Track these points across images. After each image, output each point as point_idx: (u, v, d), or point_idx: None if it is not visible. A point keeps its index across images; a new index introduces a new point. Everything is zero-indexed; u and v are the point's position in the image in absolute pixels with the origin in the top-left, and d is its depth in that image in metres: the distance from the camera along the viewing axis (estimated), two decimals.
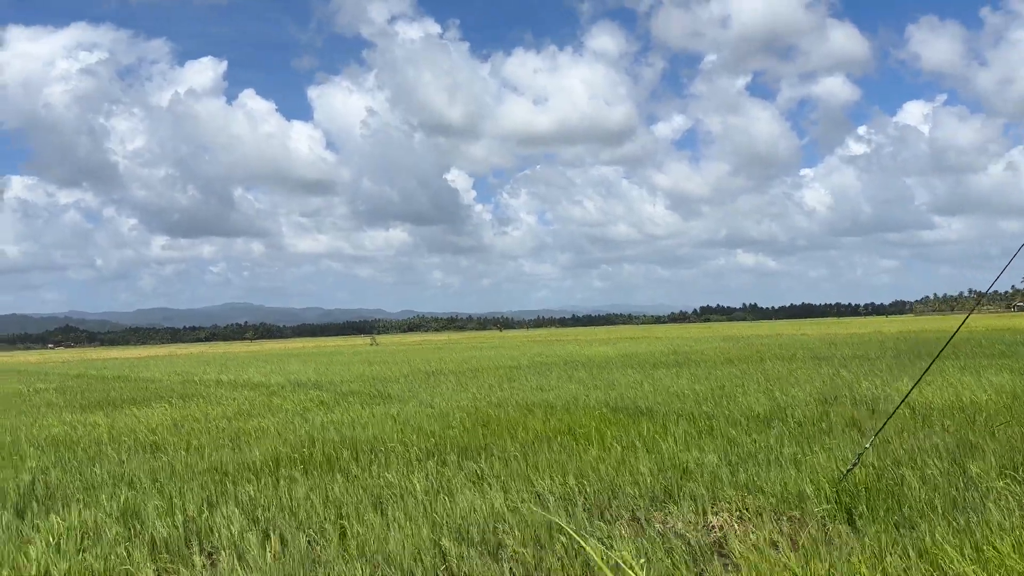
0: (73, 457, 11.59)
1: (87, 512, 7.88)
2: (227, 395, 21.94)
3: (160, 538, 6.91)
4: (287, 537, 6.63)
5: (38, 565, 6.03)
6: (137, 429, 14.53)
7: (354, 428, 13.30)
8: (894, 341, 40.22)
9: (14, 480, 9.83)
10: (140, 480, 9.54)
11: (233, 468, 9.92)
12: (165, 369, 43.36)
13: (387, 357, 49.10)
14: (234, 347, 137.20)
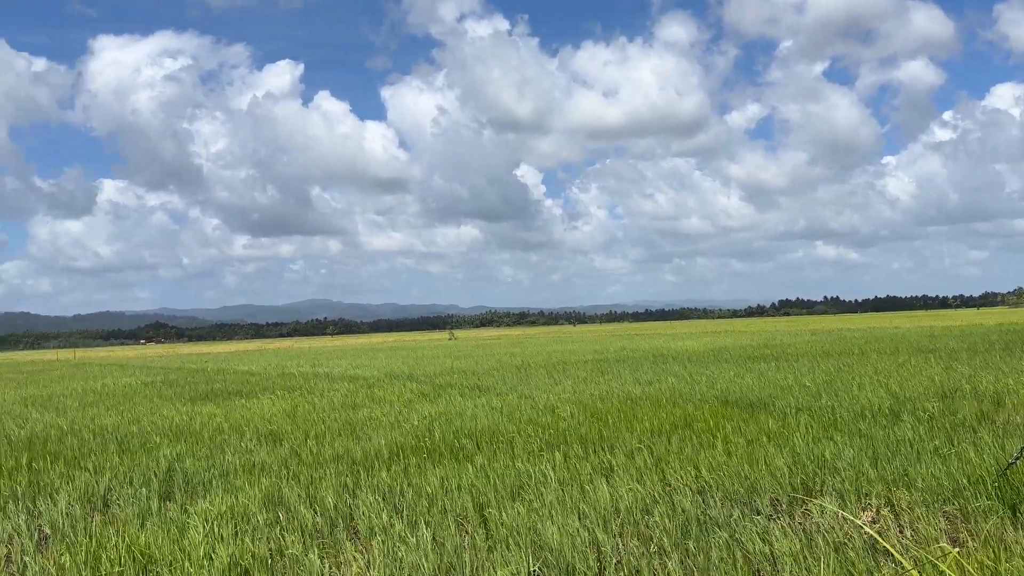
0: (200, 445, 12.03)
1: (230, 498, 8.14)
2: (328, 387, 22.49)
3: (307, 524, 7.08)
4: (432, 524, 6.69)
5: (204, 548, 6.24)
6: (253, 419, 15.00)
7: (463, 419, 13.41)
8: (998, 333, 38.20)
9: (152, 467, 10.27)
10: (272, 468, 9.82)
11: (361, 457, 10.11)
12: (259, 363, 44.83)
13: (469, 351, 49.53)
14: (317, 342, 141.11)
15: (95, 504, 8.58)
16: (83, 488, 9.14)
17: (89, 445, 12.40)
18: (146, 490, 8.85)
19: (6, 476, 10.17)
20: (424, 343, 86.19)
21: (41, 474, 10.06)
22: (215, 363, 47.71)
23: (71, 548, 6.65)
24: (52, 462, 10.89)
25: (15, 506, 8.55)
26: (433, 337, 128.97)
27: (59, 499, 8.64)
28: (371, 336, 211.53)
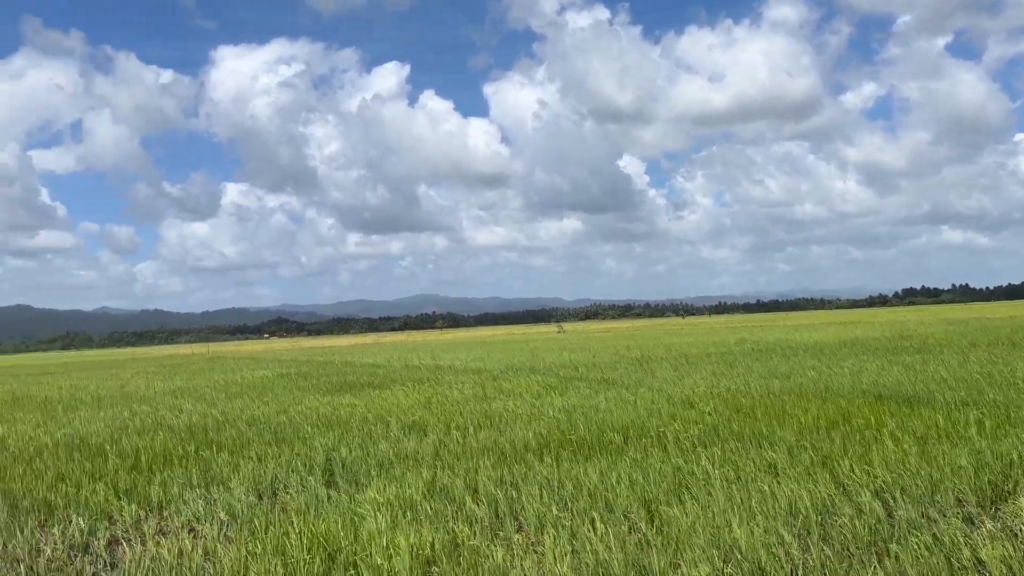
0: (349, 435, 12.43)
1: (394, 488, 8.33)
2: (454, 379, 22.88)
3: (476, 515, 7.14)
4: (604, 518, 6.61)
5: (386, 537, 6.38)
6: (393, 410, 15.40)
7: (598, 412, 13.29)
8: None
9: (310, 456, 10.69)
10: (424, 458, 10.02)
11: (509, 448, 10.17)
12: (380, 356, 46.22)
13: (582, 344, 49.34)
14: (428, 335, 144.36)
15: (263, 492, 8.99)
16: (250, 476, 9.60)
17: (246, 435, 13.05)
18: (312, 479, 9.21)
19: (178, 463, 10.82)
20: (534, 336, 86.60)
21: (210, 463, 10.63)
22: (339, 356, 49.55)
23: (255, 534, 6.98)
24: (217, 451, 11.51)
25: (191, 493, 9.07)
26: (541, 330, 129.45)
27: (232, 486, 9.12)
28: (478, 329, 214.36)
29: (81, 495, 9.15)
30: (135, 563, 6.33)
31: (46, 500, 9.01)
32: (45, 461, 11.47)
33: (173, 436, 13.51)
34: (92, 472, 10.39)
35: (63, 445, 13.07)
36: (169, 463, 10.82)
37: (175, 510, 8.43)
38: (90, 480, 9.88)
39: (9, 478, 10.35)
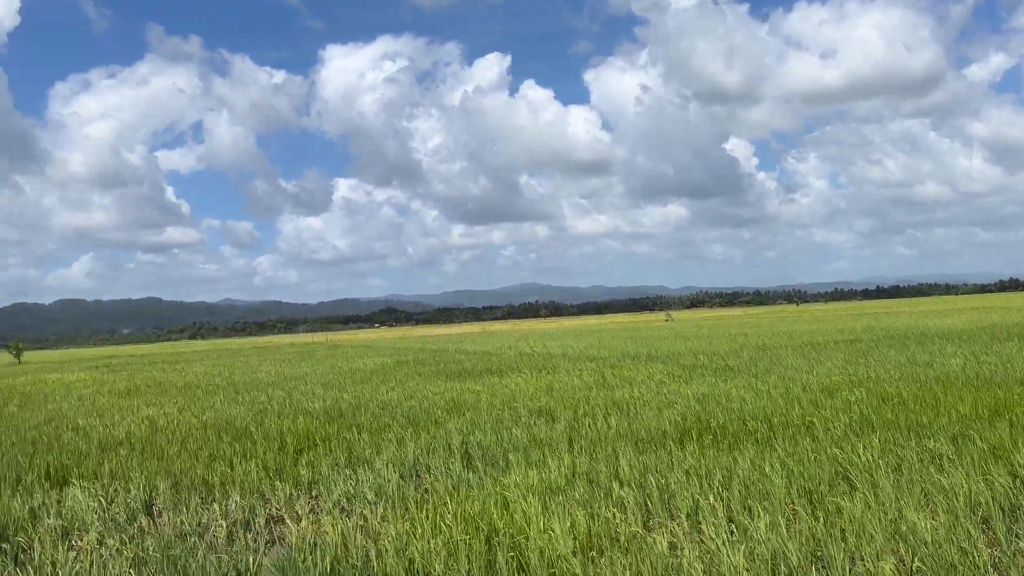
0: (479, 420, 12.55)
1: (535, 472, 8.32)
2: (571, 366, 22.82)
3: (627, 501, 7.02)
4: (764, 508, 6.35)
5: (543, 521, 6.36)
6: (517, 396, 15.48)
7: (730, 400, 12.89)
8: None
9: (445, 439, 10.85)
10: (557, 443, 9.98)
11: (645, 435, 9.99)
12: (491, 344, 46.76)
13: (695, 331, 48.27)
14: (533, 324, 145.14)
15: (407, 472, 9.17)
16: (393, 458, 9.83)
17: (382, 418, 13.42)
18: (452, 461, 9.33)
19: (321, 445, 11.22)
20: (640, 324, 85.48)
21: (352, 444, 10.98)
22: (450, 344, 50.48)
23: (409, 514, 7.11)
24: (358, 433, 11.88)
25: (338, 473, 9.36)
26: (647, 318, 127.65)
27: (377, 467, 9.36)
28: (582, 318, 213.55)
29: (235, 474, 9.62)
30: (301, 540, 6.56)
31: (204, 479, 9.52)
32: (197, 442, 12.15)
33: (310, 419, 14.05)
34: (242, 453, 10.92)
35: (210, 427, 13.83)
36: (312, 445, 11.24)
37: (325, 489, 8.73)
38: (241, 460, 10.37)
39: (167, 458, 11.01)
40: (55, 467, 10.59)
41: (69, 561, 6.19)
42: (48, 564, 6.17)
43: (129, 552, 6.43)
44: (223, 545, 7.12)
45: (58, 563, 6.15)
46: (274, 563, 5.94)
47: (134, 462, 10.67)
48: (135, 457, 11.11)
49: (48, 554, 6.61)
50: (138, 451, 11.62)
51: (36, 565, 6.20)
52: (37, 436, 13.99)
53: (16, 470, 10.50)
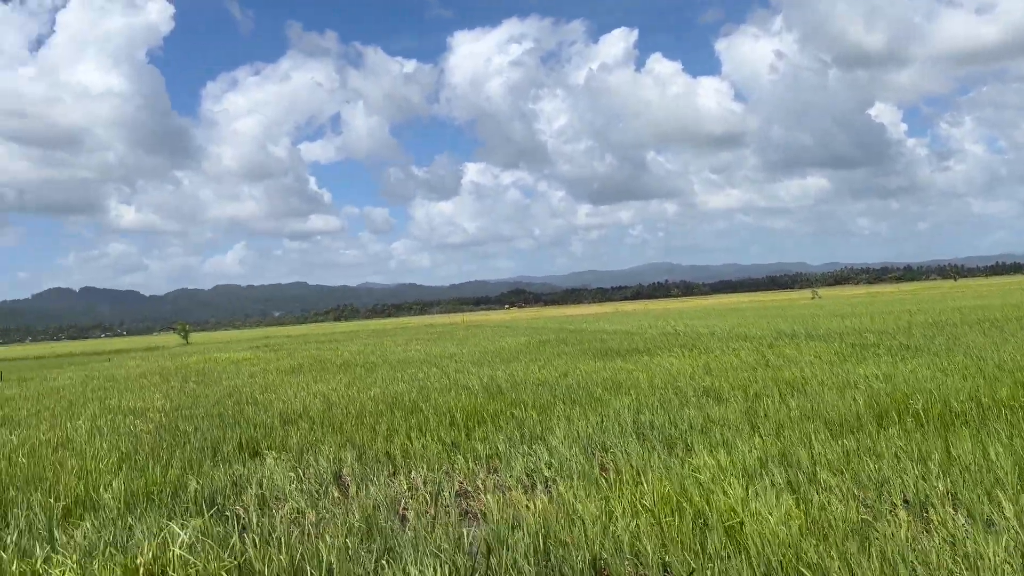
0: (642, 399, 12.25)
1: (722, 454, 7.96)
2: (723, 345, 22.04)
3: (829, 485, 6.55)
4: (1008, 497, 5.72)
5: (756, 505, 6.04)
6: (676, 376, 15.05)
7: (918, 380, 11.90)
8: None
9: (616, 419, 10.64)
10: (735, 424, 9.55)
11: (835, 416, 9.37)
12: (629, 323, 46.17)
13: (847, 309, 45.58)
14: (667, 303, 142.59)
15: (584, 450, 9.02)
16: (567, 435, 9.72)
17: (543, 396, 13.38)
18: (627, 440, 9.11)
19: (490, 421, 11.29)
20: (784, 303, 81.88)
21: (523, 421, 10.98)
22: (586, 324, 50.30)
23: (602, 491, 6.96)
24: (524, 409, 11.89)
25: (514, 449, 9.36)
26: (789, 296, 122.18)
27: (553, 444, 9.29)
28: (718, 297, 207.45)
29: (414, 448, 9.84)
30: (498, 515, 6.55)
31: (385, 452, 9.79)
32: (372, 416, 12.57)
33: (472, 395, 14.24)
34: (416, 427, 11.18)
35: (380, 402, 14.29)
36: (482, 420, 11.34)
37: (504, 464, 8.74)
38: (417, 435, 10.61)
39: (346, 431, 11.43)
40: (245, 439, 11.25)
41: (283, 526, 6.47)
42: (266, 529, 6.46)
43: (338, 521, 6.63)
44: (414, 516, 7.26)
45: (275, 529, 6.43)
46: (481, 537, 5.93)
47: (317, 435, 11.16)
48: (316, 430, 11.62)
49: (256, 520, 6.95)
50: (318, 424, 12.15)
51: (256, 531, 6.51)
52: (222, 410, 14.97)
53: (212, 442, 11.23)
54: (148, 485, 8.56)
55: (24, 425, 15.12)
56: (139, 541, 6.40)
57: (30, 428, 14.46)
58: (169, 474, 9.03)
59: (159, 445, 11.20)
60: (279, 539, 5.84)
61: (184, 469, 9.35)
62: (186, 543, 5.07)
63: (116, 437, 12.21)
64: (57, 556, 5.35)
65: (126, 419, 14.56)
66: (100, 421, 14.51)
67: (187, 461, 9.85)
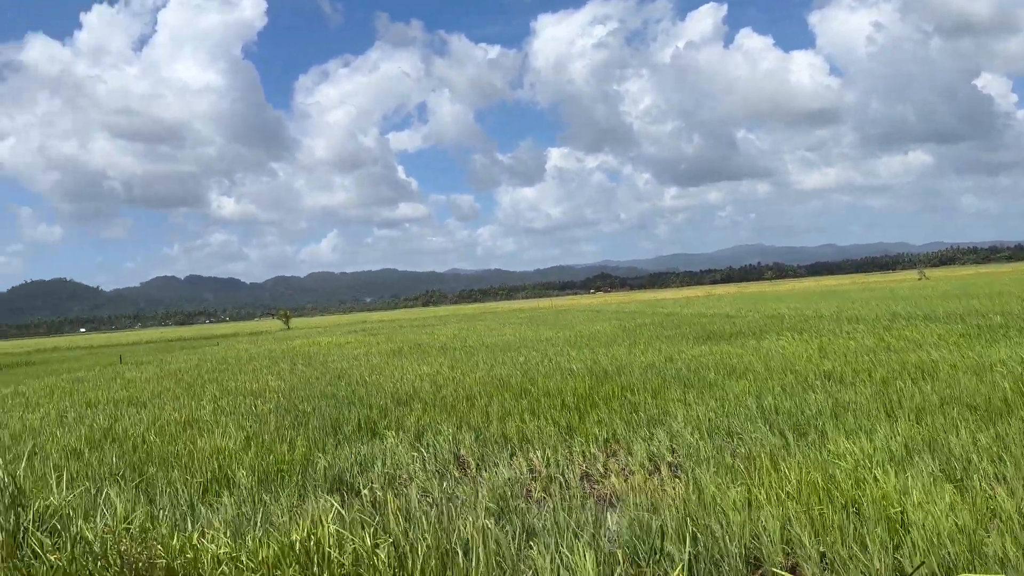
0: (758, 383, 11.83)
1: (863, 440, 7.55)
2: (835, 328, 21.14)
3: (985, 472, 6.10)
4: None
5: (912, 495, 5.68)
6: (792, 360, 14.49)
7: None
8: None
9: (733, 402, 10.30)
10: (866, 408, 9.06)
11: (981, 403, 8.76)
12: (725, 307, 45.03)
13: (960, 289, 43.04)
14: (762, 287, 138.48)
15: (709, 434, 8.75)
16: (687, 418, 9.47)
17: (652, 380, 13.12)
18: (754, 425, 8.79)
19: (603, 404, 11.13)
20: (889, 283, 78.15)
21: (637, 405, 10.78)
22: (680, 308, 49.33)
23: (739, 478, 6.71)
24: (631, 393, 11.67)
25: (633, 433, 9.17)
26: (894, 278, 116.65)
27: (675, 428, 9.06)
28: (816, 279, 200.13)
29: (528, 429, 9.79)
30: (635, 499, 6.40)
31: (502, 434, 9.77)
32: (482, 399, 12.61)
33: (577, 378, 14.12)
34: (528, 409, 11.14)
35: (488, 384, 14.35)
36: (593, 404, 11.19)
37: (625, 448, 8.58)
38: (530, 417, 10.56)
39: (458, 412, 11.50)
40: (362, 419, 11.47)
41: (420, 506, 6.51)
42: (403, 508, 6.52)
43: (470, 501, 6.63)
44: (538, 499, 7.19)
45: (411, 507, 6.48)
46: (622, 521, 5.80)
47: (431, 416, 11.27)
48: (430, 411, 11.75)
49: (391, 498, 7.03)
50: (431, 406, 12.28)
51: (393, 509, 6.58)
52: (335, 391, 15.36)
53: (331, 422, 11.51)
54: (278, 463, 8.82)
55: (150, 405, 15.93)
56: (280, 517, 6.57)
57: (156, 408, 15.22)
58: (296, 453, 9.28)
59: (282, 424, 11.57)
60: (420, 518, 5.87)
61: (309, 448, 9.60)
62: (334, 519, 5.13)
63: (240, 417, 12.69)
64: (210, 532, 5.53)
65: (246, 400, 15.15)
66: (222, 402, 15.14)
67: (311, 440, 10.12)
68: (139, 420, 13.42)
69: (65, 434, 12.41)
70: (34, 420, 14.74)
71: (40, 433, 12.79)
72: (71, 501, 6.75)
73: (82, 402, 17.68)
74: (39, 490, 7.38)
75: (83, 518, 6.42)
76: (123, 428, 12.52)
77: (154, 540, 4.99)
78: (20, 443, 11.78)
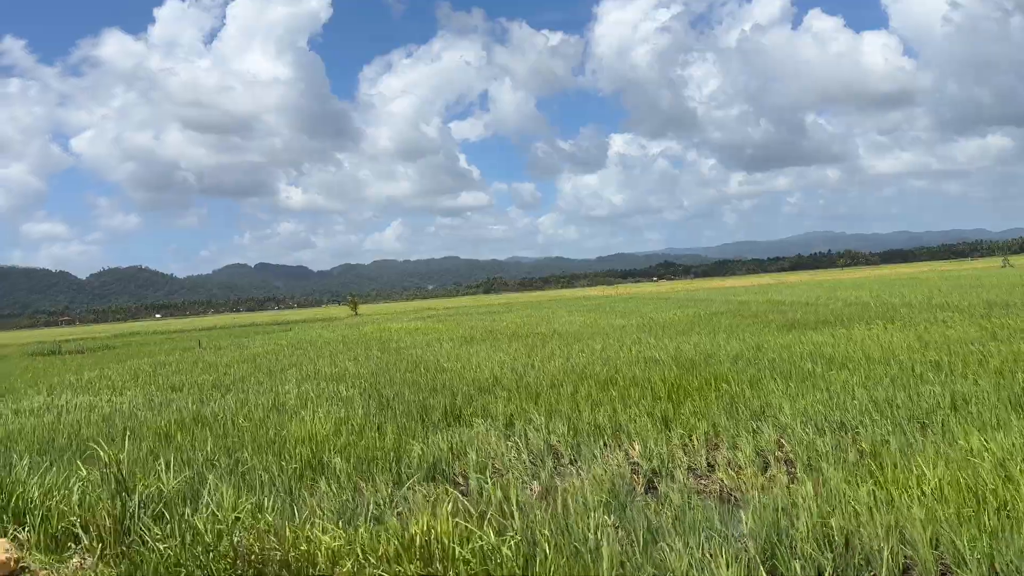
0: (859, 374, 11.21)
1: (1002, 435, 6.97)
2: (929, 316, 20.12)
3: None
4: None
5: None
6: (888, 349, 13.76)
7: None
8: None
9: (840, 395, 9.76)
10: (989, 402, 8.42)
11: None
12: (803, 294, 43.65)
13: None
14: (835, 274, 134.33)
15: (823, 428, 8.25)
16: (795, 410, 8.98)
17: (745, 370, 12.61)
18: (868, 419, 8.26)
19: (696, 395, 10.69)
20: (972, 271, 74.68)
21: (737, 397, 10.31)
22: (751, 296, 48.05)
23: (874, 476, 6.25)
24: (731, 384, 11.19)
25: (737, 425, 8.74)
26: (974, 265, 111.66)
27: (782, 421, 8.60)
28: (892, 267, 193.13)
29: (619, 419, 9.45)
30: (754, 495, 6.01)
31: (595, 423, 9.45)
32: (568, 387, 12.28)
33: (663, 367, 13.70)
34: (619, 399, 10.77)
35: (570, 372, 14.03)
36: (687, 394, 10.76)
37: (729, 442, 8.16)
38: (621, 407, 10.20)
39: (546, 401, 11.21)
40: (447, 405, 11.30)
41: (529, 498, 6.25)
42: (508, 499, 6.28)
43: (579, 494, 6.34)
44: (646, 492, 6.86)
45: (514, 500, 6.22)
46: (749, 521, 5.42)
47: (518, 404, 11.01)
48: (515, 399, 11.50)
49: (497, 489, 6.79)
50: (514, 393, 12.04)
51: (495, 501, 6.34)
52: (416, 378, 15.28)
53: (417, 408, 11.38)
54: (370, 450, 8.69)
55: (234, 390, 16.15)
56: (382, 507, 6.40)
57: (240, 392, 15.40)
58: (386, 439, 9.15)
59: (368, 410, 11.49)
60: (533, 512, 5.61)
61: (399, 434, 9.46)
62: (448, 511, 4.89)
63: (326, 402, 12.68)
64: (319, 521, 5.37)
65: (328, 385, 15.19)
66: (305, 386, 15.22)
67: (399, 427, 9.98)
68: (225, 405, 13.56)
69: (155, 417, 12.61)
70: (122, 403, 15.09)
71: (131, 417, 13.04)
72: (175, 487, 6.72)
73: (166, 385, 18.08)
74: (141, 475, 7.40)
75: (188, 505, 6.37)
76: (211, 412, 12.66)
77: (266, 531, 4.84)
78: (111, 425, 12.00)
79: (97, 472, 7.29)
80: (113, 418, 12.89)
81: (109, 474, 7.00)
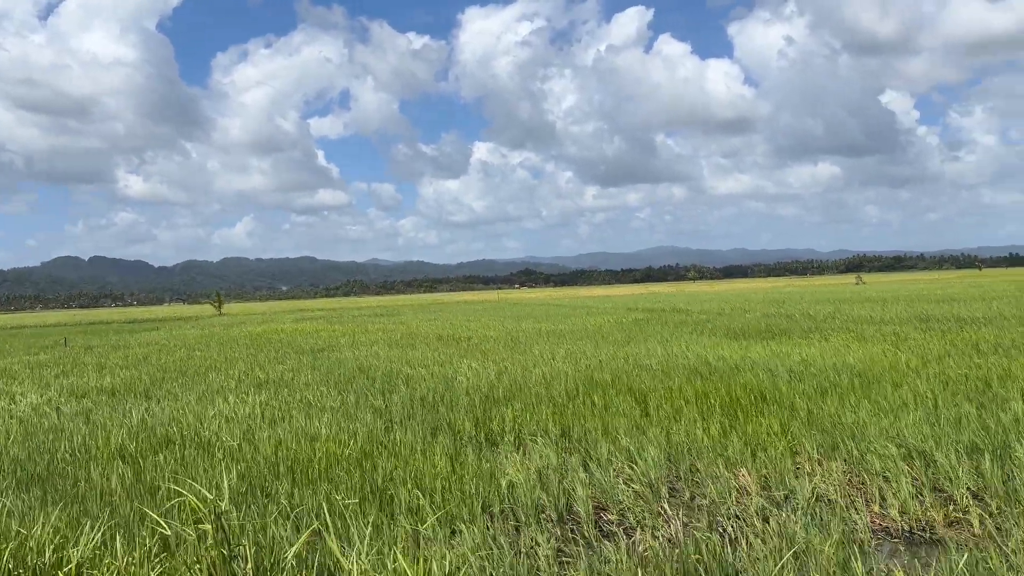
0: (912, 389, 10.64)
1: None
2: (873, 330, 20.42)
3: None
4: None
5: None
6: (872, 363, 13.41)
7: None
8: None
9: (835, 415, 9.04)
10: None
11: None
12: (703, 305, 44.49)
13: (938, 293, 43.74)
14: (694, 286, 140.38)
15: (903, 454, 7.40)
16: (885, 432, 8.12)
17: (802, 385, 11.76)
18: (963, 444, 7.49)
19: (752, 411, 9.68)
20: (836, 287, 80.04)
21: (797, 410, 9.35)
22: (655, 302, 48.60)
23: None
24: (781, 399, 10.27)
25: (829, 450, 7.75)
26: (828, 281, 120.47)
27: (907, 436, 7.68)
28: (734, 281, 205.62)
29: (676, 431, 8.24)
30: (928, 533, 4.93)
31: (694, 443, 8.16)
32: (583, 397, 10.93)
33: (651, 375, 12.84)
34: (676, 414, 9.56)
35: (577, 382, 12.66)
36: (742, 409, 9.70)
37: (844, 462, 7.13)
38: (669, 421, 9.03)
39: (571, 415, 9.82)
40: (463, 423, 9.64)
41: None
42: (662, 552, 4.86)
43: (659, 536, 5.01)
44: (761, 526, 5.61)
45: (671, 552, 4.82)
46: None
47: (538, 418, 9.51)
48: (531, 411, 10.02)
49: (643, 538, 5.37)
50: (530, 405, 10.52)
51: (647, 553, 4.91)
52: (386, 387, 13.38)
53: (446, 426, 9.65)
54: (430, 478, 6.96)
55: (170, 397, 13.62)
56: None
57: (177, 401, 12.96)
58: (438, 466, 7.44)
59: (376, 427, 9.60)
60: None
61: (451, 460, 7.74)
62: None
63: (314, 412, 10.58)
64: None
65: (294, 395, 12.98)
66: (263, 396, 12.93)
67: (441, 447, 8.24)
68: (155, 417, 11.17)
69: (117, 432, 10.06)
70: (25, 412, 12.22)
71: (71, 434, 10.38)
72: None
73: (66, 390, 15.11)
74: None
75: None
76: (171, 427, 10.28)
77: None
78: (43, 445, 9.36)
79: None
80: (38, 435, 10.22)
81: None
